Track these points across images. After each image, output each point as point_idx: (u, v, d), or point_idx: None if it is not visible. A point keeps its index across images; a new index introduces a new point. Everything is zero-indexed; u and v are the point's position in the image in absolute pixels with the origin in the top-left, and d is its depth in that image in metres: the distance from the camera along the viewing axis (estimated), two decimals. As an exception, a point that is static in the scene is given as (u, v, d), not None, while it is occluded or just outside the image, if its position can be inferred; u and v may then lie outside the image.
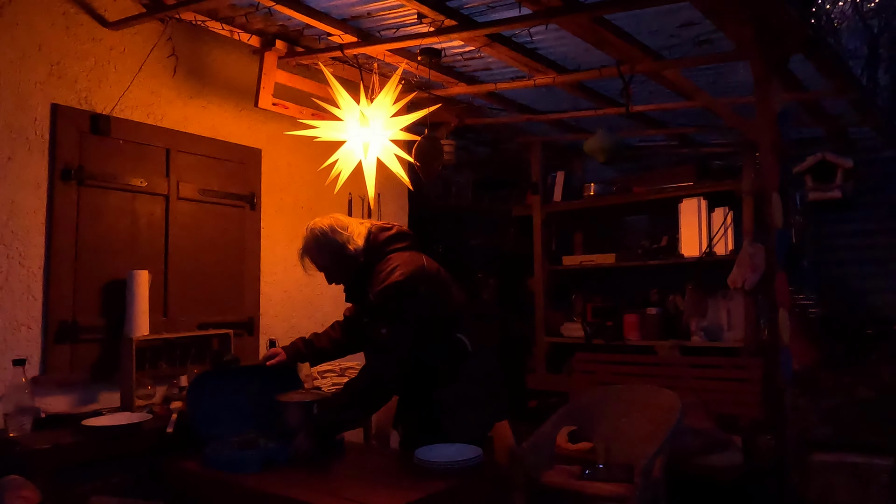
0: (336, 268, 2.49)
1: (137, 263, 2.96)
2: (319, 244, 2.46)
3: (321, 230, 2.46)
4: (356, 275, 2.47)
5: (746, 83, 3.00)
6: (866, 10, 3.09)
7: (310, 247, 2.49)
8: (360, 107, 2.97)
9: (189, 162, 3.24)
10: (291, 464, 2.17)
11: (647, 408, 3.08)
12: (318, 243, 2.47)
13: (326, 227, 2.47)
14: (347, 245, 2.43)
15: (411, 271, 2.33)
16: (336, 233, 2.45)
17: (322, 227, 2.47)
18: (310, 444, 2.24)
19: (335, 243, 2.44)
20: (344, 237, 2.44)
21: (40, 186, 2.72)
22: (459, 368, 2.37)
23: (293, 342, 2.70)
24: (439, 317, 2.39)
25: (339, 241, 2.44)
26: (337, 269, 2.50)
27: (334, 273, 2.52)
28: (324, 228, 2.47)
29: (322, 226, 2.47)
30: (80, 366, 2.79)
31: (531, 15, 2.72)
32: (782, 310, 2.48)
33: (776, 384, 2.50)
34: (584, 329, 4.85)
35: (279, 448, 2.22)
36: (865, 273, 4.49)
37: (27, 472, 2.04)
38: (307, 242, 2.49)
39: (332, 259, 2.47)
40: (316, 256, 2.49)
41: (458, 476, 2.01)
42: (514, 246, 5.46)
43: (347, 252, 2.43)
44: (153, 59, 3.10)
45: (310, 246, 2.49)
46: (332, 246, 2.44)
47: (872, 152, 4.48)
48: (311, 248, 2.49)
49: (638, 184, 4.90)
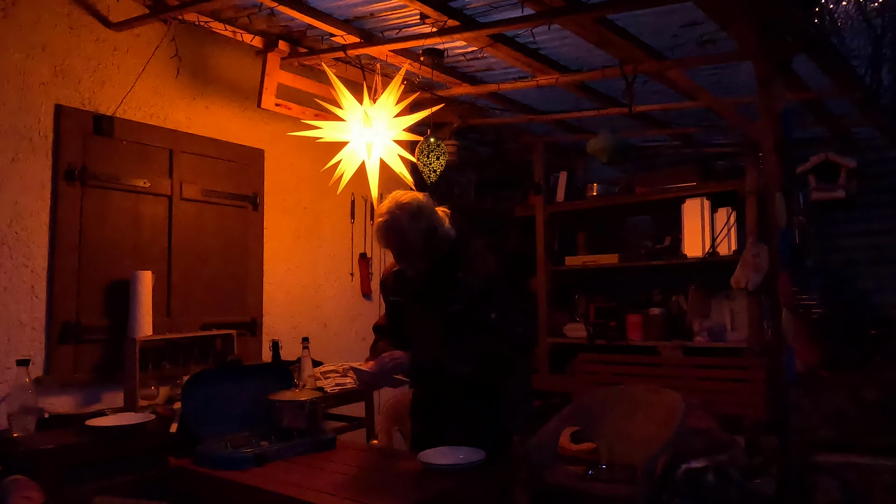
0: (424, 247, 2.23)
1: (141, 264, 2.97)
2: (415, 217, 2.20)
3: (417, 203, 2.22)
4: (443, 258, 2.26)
5: (749, 83, 2.99)
6: (870, 10, 3.08)
7: (402, 220, 2.19)
8: (363, 107, 2.97)
9: (192, 162, 3.24)
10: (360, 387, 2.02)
11: (650, 408, 3.08)
12: (413, 217, 2.20)
13: (422, 201, 2.24)
14: (439, 225, 2.26)
15: (497, 263, 2.29)
16: (430, 209, 2.25)
17: (418, 201, 2.23)
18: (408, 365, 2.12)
19: (430, 220, 2.24)
20: (437, 216, 2.27)
21: (44, 187, 2.73)
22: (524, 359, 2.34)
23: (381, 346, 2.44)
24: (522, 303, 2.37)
25: (434, 218, 2.25)
26: (424, 248, 2.23)
27: (420, 253, 2.24)
28: (419, 202, 2.23)
29: (416, 198, 2.23)
30: (84, 366, 2.80)
31: (534, 15, 2.72)
32: (786, 310, 2.48)
33: (779, 385, 2.49)
34: (587, 329, 4.84)
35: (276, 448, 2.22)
36: (869, 273, 4.48)
37: (31, 473, 2.04)
38: (399, 213, 2.20)
39: (424, 237, 2.22)
40: (409, 231, 2.20)
41: (461, 477, 2.00)
42: (516, 246, 5.45)
43: (439, 231, 2.25)
44: (156, 60, 3.11)
45: (402, 219, 2.19)
46: (428, 222, 2.23)
47: (876, 152, 4.46)
48: (404, 221, 2.19)
49: (641, 184, 4.90)
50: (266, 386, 2.50)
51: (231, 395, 2.48)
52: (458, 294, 2.22)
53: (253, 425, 2.39)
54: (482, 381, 2.26)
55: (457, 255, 2.28)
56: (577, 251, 5.41)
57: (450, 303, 2.23)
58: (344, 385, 3.37)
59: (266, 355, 3.43)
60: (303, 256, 3.81)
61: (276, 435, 2.30)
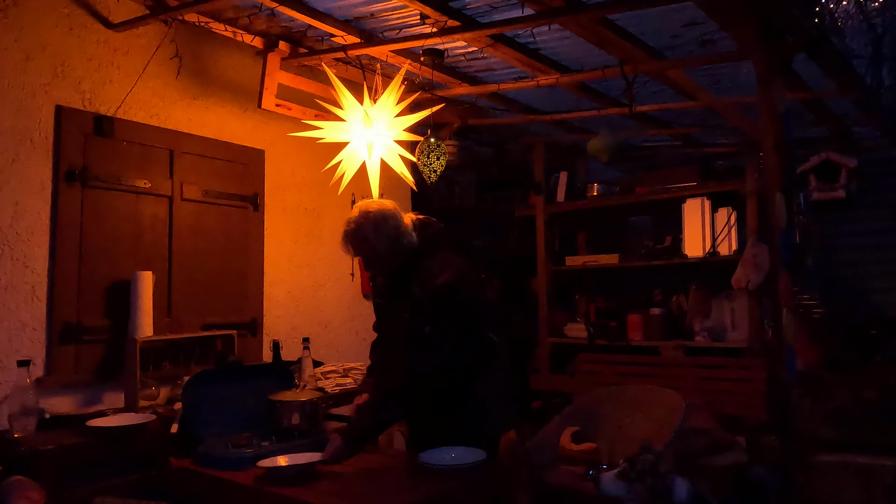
0: (389, 255, 2.31)
1: (141, 264, 2.97)
2: (379, 226, 2.28)
3: (381, 212, 2.29)
4: (402, 267, 2.33)
5: (750, 83, 2.99)
6: (870, 9, 3.08)
7: (365, 228, 2.28)
8: (363, 107, 2.97)
9: (192, 163, 3.24)
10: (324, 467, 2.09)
11: (650, 408, 3.07)
12: (377, 225, 2.28)
13: (387, 210, 2.30)
14: (404, 234, 2.31)
15: (458, 272, 2.29)
16: (395, 218, 2.31)
17: (383, 210, 2.30)
18: (346, 448, 2.15)
19: (395, 229, 2.30)
20: (402, 225, 2.32)
21: (45, 188, 2.73)
22: (489, 366, 2.34)
23: None
24: (477, 316, 2.35)
25: (399, 227, 2.31)
26: (389, 256, 2.32)
27: (385, 261, 2.34)
28: (384, 211, 2.30)
29: (382, 208, 2.31)
30: (85, 367, 2.80)
31: (534, 15, 2.72)
32: (786, 310, 2.47)
33: (780, 384, 2.49)
34: (588, 329, 4.84)
35: (276, 448, 2.22)
36: (869, 273, 4.48)
37: (32, 473, 2.04)
38: (363, 222, 2.28)
39: (389, 245, 2.30)
40: (373, 239, 2.28)
41: (461, 477, 2.00)
42: (517, 246, 5.45)
43: (403, 241, 2.31)
44: (157, 61, 3.11)
45: (366, 227, 2.28)
46: (393, 231, 2.29)
47: (876, 152, 4.46)
48: (368, 229, 2.28)
49: (641, 184, 4.90)
50: (267, 386, 2.51)
51: (232, 396, 2.49)
52: (407, 304, 2.32)
53: (253, 426, 2.39)
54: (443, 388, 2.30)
55: (413, 265, 2.32)
56: (578, 251, 5.42)
57: (403, 311, 2.33)
58: (344, 385, 3.38)
59: (267, 356, 3.43)
60: (303, 257, 3.81)
61: (276, 435, 2.31)
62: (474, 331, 2.34)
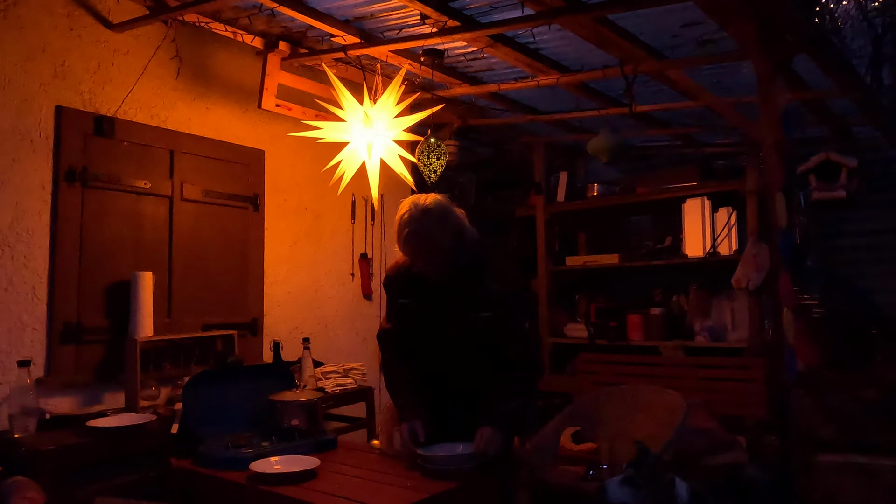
0: (450, 250, 2.13)
1: (141, 265, 2.97)
2: (445, 219, 2.11)
3: (441, 207, 2.13)
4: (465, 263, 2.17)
5: (750, 83, 2.99)
6: (870, 9, 3.08)
7: (429, 226, 2.09)
8: (363, 108, 2.97)
9: (192, 163, 3.24)
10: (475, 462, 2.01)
11: (650, 408, 3.07)
12: (441, 221, 2.10)
13: (445, 203, 2.14)
14: (465, 227, 2.18)
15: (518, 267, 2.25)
16: (454, 212, 2.16)
17: (441, 204, 2.14)
18: (500, 443, 2.06)
19: (458, 222, 2.15)
20: (460, 217, 2.18)
21: (45, 188, 2.73)
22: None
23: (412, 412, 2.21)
24: None
25: (460, 221, 2.16)
26: (455, 252, 2.14)
27: (448, 257, 2.14)
28: (443, 205, 2.13)
29: (439, 202, 2.14)
30: (85, 367, 2.80)
31: (534, 15, 2.72)
32: (786, 310, 2.47)
33: (781, 384, 2.49)
34: (588, 329, 4.84)
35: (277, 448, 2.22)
36: (870, 272, 4.48)
37: (32, 474, 2.04)
38: (425, 219, 2.09)
39: (455, 240, 2.13)
40: (440, 237, 2.10)
41: (462, 477, 2.00)
42: (517, 246, 5.45)
43: (466, 234, 2.17)
44: (157, 61, 3.11)
45: (429, 225, 2.09)
46: (457, 225, 2.15)
47: (877, 151, 4.46)
48: (432, 227, 2.09)
49: (641, 184, 4.90)
50: (267, 386, 2.50)
51: (232, 396, 2.48)
52: (485, 300, 2.13)
53: (254, 426, 2.39)
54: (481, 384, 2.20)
55: (481, 258, 2.20)
56: (578, 251, 5.41)
57: (475, 309, 2.14)
58: (344, 385, 3.38)
59: (267, 356, 3.44)
60: (303, 257, 3.82)
61: (277, 435, 2.31)
62: None
